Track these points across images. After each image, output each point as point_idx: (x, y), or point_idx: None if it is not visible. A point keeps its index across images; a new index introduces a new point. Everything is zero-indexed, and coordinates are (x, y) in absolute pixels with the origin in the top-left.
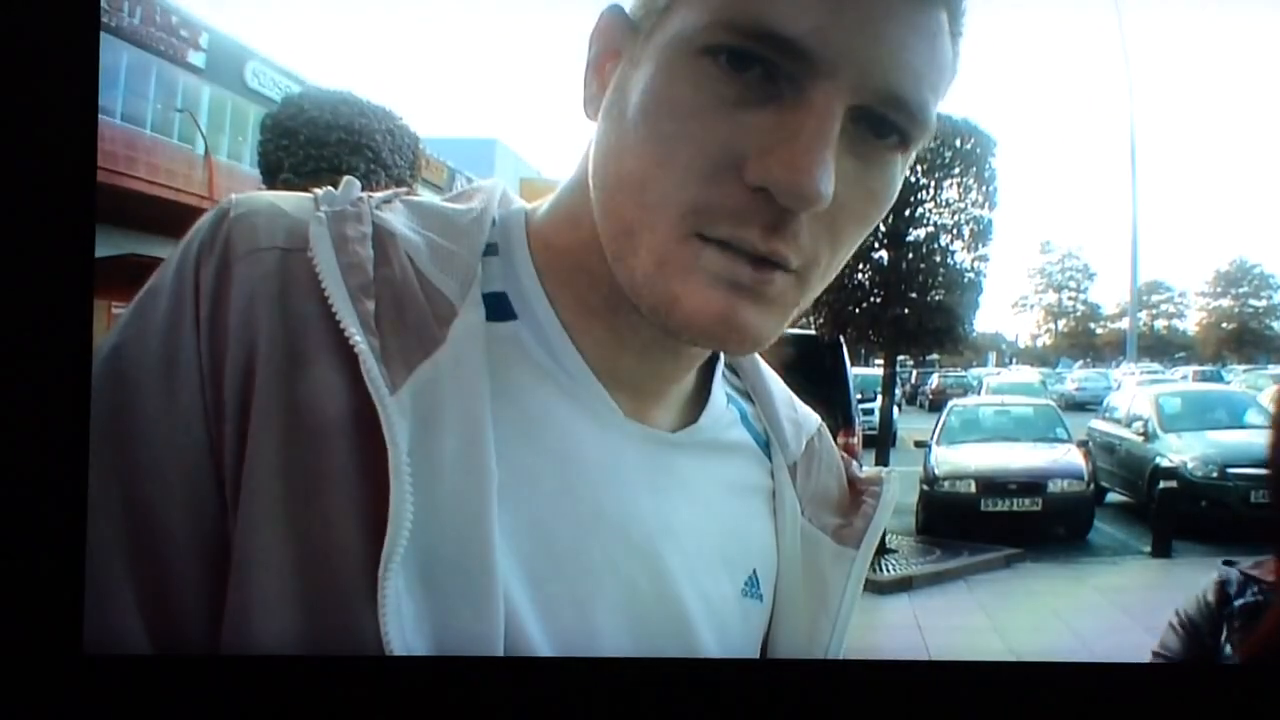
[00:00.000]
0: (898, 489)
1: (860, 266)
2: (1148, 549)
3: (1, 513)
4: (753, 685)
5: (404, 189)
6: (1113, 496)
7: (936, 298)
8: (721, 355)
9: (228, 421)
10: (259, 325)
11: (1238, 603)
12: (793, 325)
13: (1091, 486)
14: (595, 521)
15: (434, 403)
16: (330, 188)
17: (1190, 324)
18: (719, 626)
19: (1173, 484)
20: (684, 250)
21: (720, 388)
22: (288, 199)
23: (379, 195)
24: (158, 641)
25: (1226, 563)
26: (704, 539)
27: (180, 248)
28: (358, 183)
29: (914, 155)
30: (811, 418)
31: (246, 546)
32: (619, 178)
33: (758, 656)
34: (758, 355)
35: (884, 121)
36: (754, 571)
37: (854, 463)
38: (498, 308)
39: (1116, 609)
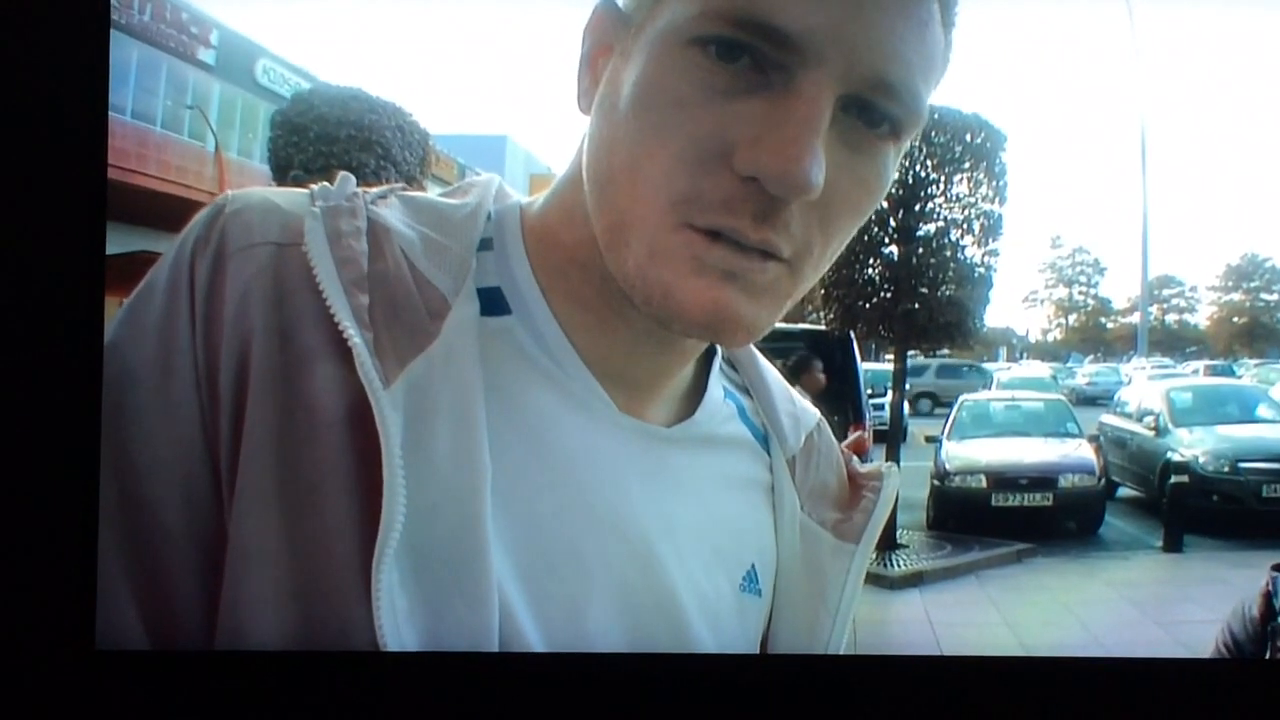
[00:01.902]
0: (898, 484)
1: (870, 261)
2: (1159, 544)
3: (14, 510)
4: (754, 680)
5: (401, 184)
6: (1124, 491)
7: (947, 293)
8: (719, 350)
9: (223, 416)
10: (254, 320)
11: None
12: (802, 321)
13: (1103, 481)
14: (589, 517)
15: (427, 397)
16: (326, 183)
17: (1201, 318)
18: (714, 622)
19: (1184, 479)
20: (675, 240)
21: (717, 382)
22: (283, 194)
23: (374, 190)
24: (154, 635)
25: (1276, 567)
26: (699, 534)
27: (176, 244)
28: (353, 178)
29: (906, 145)
30: (811, 412)
31: (241, 540)
32: (611, 170)
33: (756, 652)
34: (755, 350)
35: (875, 110)
36: (752, 566)
37: (854, 457)
38: (492, 302)
39: (1128, 604)
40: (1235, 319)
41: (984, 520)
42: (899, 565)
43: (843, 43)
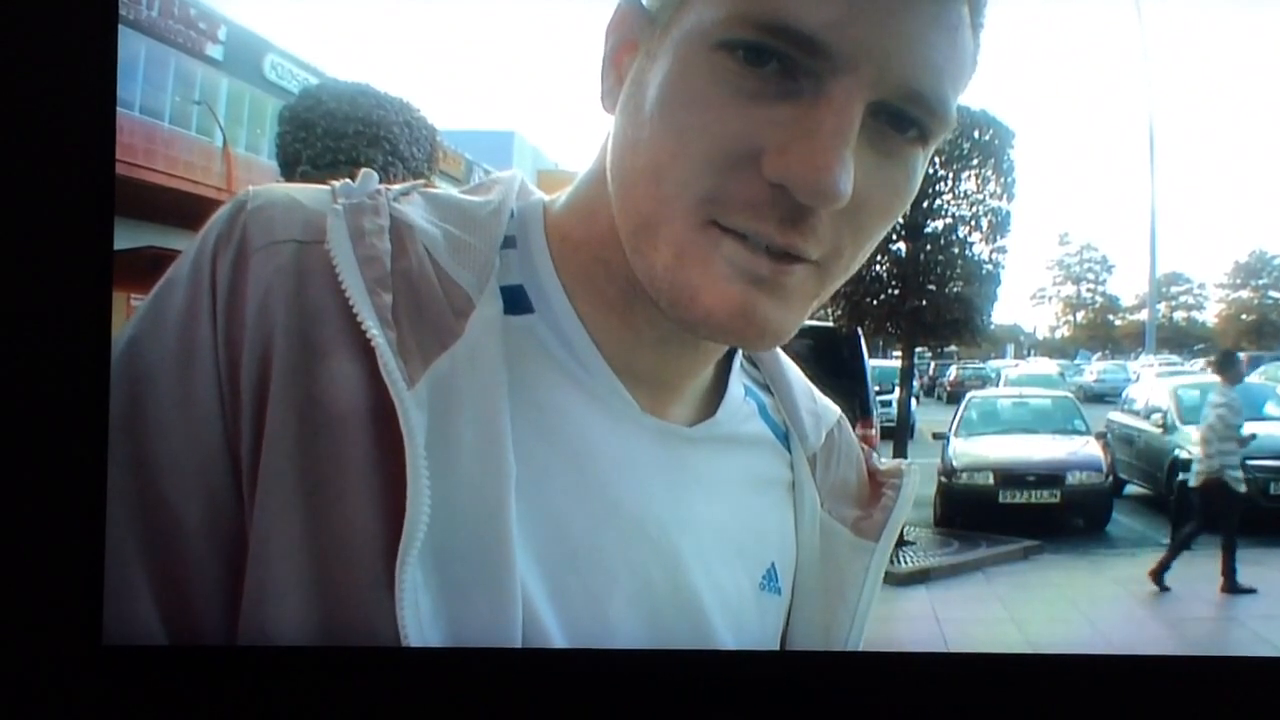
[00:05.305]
0: (918, 482)
1: (878, 258)
2: (1166, 541)
3: (21, 506)
4: (767, 676)
5: (421, 181)
6: (1131, 488)
7: (954, 290)
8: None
9: (244, 413)
10: (275, 317)
11: None
12: (811, 317)
13: (1110, 479)
14: (611, 516)
15: (451, 396)
16: (348, 180)
17: (1209, 315)
18: (735, 620)
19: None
20: (702, 239)
21: (738, 381)
22: (305, 191)
23: (397, 188)
24: (173, 631)
25: None
26: (721, 533)
27: (197, 240)
28: (375, 175)
29: (934, 148)
30: (831, 409)
31: (262, 538)
32: (636, 171)
33: (776, 649)
34: (777, 347)
35: (903, 116)
36: (772, 565)
37: (874, 455)
38: (515, 301)
39: (1135, 601)
40: (1243, 316)
41: (991, 517)
42: (906, 562)
43: (874, 51)
